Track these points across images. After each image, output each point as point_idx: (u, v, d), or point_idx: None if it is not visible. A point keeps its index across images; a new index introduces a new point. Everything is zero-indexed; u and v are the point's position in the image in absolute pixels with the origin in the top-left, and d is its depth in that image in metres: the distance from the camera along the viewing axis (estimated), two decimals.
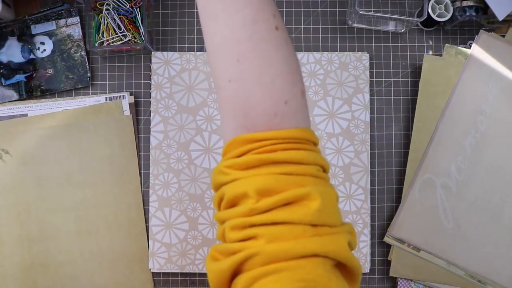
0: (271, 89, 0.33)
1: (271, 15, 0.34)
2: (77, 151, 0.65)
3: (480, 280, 0.63)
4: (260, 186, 0.31)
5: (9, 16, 0.65)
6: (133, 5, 0.65)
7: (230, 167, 0.33)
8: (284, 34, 0.35)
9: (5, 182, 0.64)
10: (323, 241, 0.30)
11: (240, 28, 0.33)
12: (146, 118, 0.67)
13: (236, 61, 0.33)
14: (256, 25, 0.33)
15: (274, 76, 0.33)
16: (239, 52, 0.33)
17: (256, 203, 0.30)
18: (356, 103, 0.66)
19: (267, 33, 0.34)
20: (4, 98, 0.66)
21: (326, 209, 0.31)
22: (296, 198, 0.31)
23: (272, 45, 0.34)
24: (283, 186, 0.31)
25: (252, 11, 0.33)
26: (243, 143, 0.33)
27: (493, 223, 0.63)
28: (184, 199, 0.65)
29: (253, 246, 0.30)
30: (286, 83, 0.33)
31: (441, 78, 0.66)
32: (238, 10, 0.33)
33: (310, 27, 0.69)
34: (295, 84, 0.34)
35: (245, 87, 0.33)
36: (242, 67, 0.33)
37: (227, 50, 0.34)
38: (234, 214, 0.32)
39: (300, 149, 0.33)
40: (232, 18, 0.34)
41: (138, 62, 0.68)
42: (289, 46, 0.35)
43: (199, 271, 0.65)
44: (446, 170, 0.64)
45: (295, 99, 0.34)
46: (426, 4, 0.63)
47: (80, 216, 0.65)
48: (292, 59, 0.35)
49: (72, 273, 0.64)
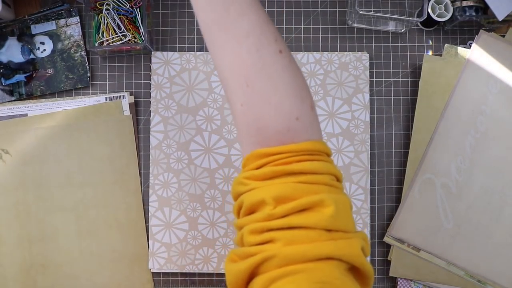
0: (281, 108, 0.35)
1: (273, 40, 0.36)
2: (77, 151, 0.65)
3: (480, 280, 0.63)
4: (277, 193, 0.33)
5: (9, 16, 0.65)
6: (133, 5, 0.65)
7: (248, 178, 0.35)
8: (288, 56, 0.37)
9: (5, 182, 0.64)
10: (337, 244, 0.31)
11: (245, 57, 0.35)
12: (146, 118, 0.67)
13: (245, 86, 0.36)
14: (260, 52, 0.35)
15: (282, 96, 0.35)
16: (246, 78, 0.35)
17: (273, 209, 0.32)
18: (356, 103, 0.66)
19: (271, 58, 0.35)
20: (4, 98, 0.66)
21: (339, 215, 0.32)
22: (311, 204, 0.32)
23: (277, 68, 0.35)
24: (299, 193, 0.33)
25: (255, 40, 0.35)
26: (260, 157, 0.35)
27: (493, 223, 0.63)
28: (184, 199, 0.65)
29: (271, 249, 0.31)
30: (295, 101, 0.35)
31: (441, 78, 0.66)
32: (241, 41, 0.36)
33: (310, 27, 0.69)
34: (304, 100, 0.36)
35: (256, 109, 0.35)
36: (251, 91, 0.35)
37: (235, 76, 0.36)
38: (252, 220, 0.33)
39: (314, 160, 0.34)
40: (237, 48, 0.36)
41: (138, 62, 0.68)
42: (294, 66, 0.37)
43: (199, 271, 0.65)
44: (446, 170, 0.64)
45: (306, 114, 0.36)
46: (426, 4, 0.63)
47: (80, 216, 0.65)
48: (298, 77, 0.37)
49: (72, 273, 0.64)
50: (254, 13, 0.36)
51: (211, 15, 0.37)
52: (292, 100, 0.35)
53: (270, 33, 0.36)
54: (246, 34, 0.36)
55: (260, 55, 0.35)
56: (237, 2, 0.36)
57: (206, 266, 0.64)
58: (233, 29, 0.36)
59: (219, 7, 0.36)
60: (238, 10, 0.36)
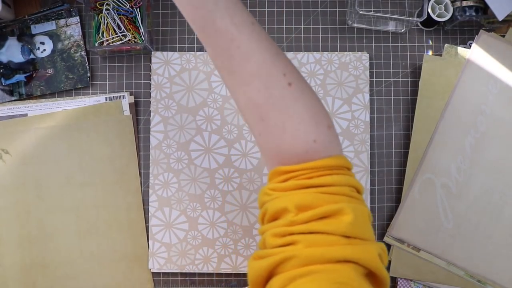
0: (298, 135, 0.37)
1: (282, 75, 0.37)
2: (77, 151, 0.65)
3: (480, 280, 0.63)
4: (299, 202, 0.34)
5: (9, 16, 0.65)
6: (133, 5, 0.65)
7: (273, 190, 0.37)
8: (299, 85, 0.38)
9: (5, 182, 0.64)
10: (355, 249, 0.33)
11: (255, 96, 0.37)
12: (146, 118, 0.67)
13: (261, 120, 0.38)
14: (269, 90, 0.37)
15: (297, 124, 0.37)
16: (261, 114, 0.38)
17: (295, 216, 0.34)
18: (356, 103, 0.66)
19: (281, 93, 0.37)
20: (4, 98, 0.66)
21: (358, 223, 0.34)
22: (331, 212, 0.34)
23: (289, 100, 0.37)
24: (319, 202, 0.34)
25: (262, 80, 0.37)
26: (282, 173, 0.37)
27: (493, 223, 0.63)
28: (184, 199, 0.65)
29: (292, 250, 0.33)
30: (310, 126, 0.37)
31: (441, 78, 0.66)
32: (249, 82, 0.37)
33: (310, 27, 0.69)
34: (319, 123, 0.37)
35: (274, 138, 0.38)
36: (266, 124, 0.38)
37: (249, 113, 0.39)
38: (275, 225, 0.35)
39: (334, 174, 0.36)
40: (246, 89, 0.38)
41: (138, 62, 0.68)
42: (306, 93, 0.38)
43: (199, 271, 0.65)
44: (446, 170, 0.64)
45: (323, 135, 0.37)
46: (426, 4, 0.63)
47: (80, 216, 0.65)
48: (312, 102, 0.38)
49: (72, 273, 0.64)
50: (259, 54, 0.37)
51: (218, 61, 0.39)
52: (307, 126, 0.37)
53: (278, 69, 0.37)
54: (252, 76, 0.37)
55: (270, 92, 0.37)
56: (242, 46, 0.37)
57: (206, 266, 0.64)
58: (240, 72, 0.38)
59: (224, 54, 0.38)
60: (243, 54, 0.37)
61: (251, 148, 0.66)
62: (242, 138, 0.66)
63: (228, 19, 0.37)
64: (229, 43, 0.37)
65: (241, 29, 0.37)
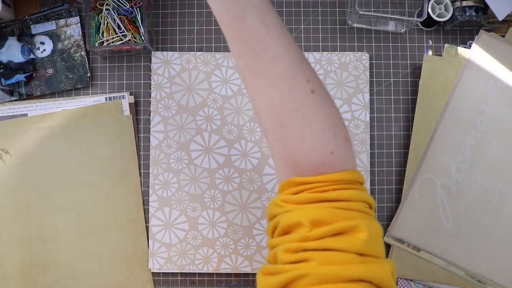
0: (316, 145, 0.36)
1: (306, 81, 0.37)
2: (77, 151, 0.65)
3: (480, 280, 0.63)
4: (313, 217, 0.34)
5: (9, 16, 0.65)
6: (133, 5, 0.65)
7: (285, 201, 0.36)
8: (321, 93, 0.37)
9: (5, 182, 0.64)
10: (369, 268, 0.33)
11: (278, 100, 0.37)
12: (146, 118, 0.67)
13: (280, 126, 0.37)
14: (292, 95, 0.36)
15: (316, 133, 0.36)
16: (281, 119, 0.37)
17: (309, 232, 0.33)
18: (356, 103, 0.66)
19: (304, 99, 0.36)
20: (4, 98, 0.66)
21: (372, 241, 0.34)
22: (346, 229, 0.34)
23: (310, 108, 0.36)
24: (334, 218, 0.34)
25: (286, 84, 0.36)
26: (296, 185, 0.36)
27: (493, 223, 0.63)
28: (184, 199, 0.65)
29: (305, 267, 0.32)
30: (329, 137, 0.36)
31: (441, 78, 0.66)
32: (273, 85, 0.37)
33: (310, 27, 0.69)
34: (338, 135, 0.37)
35: (291, 146, 0.37)
36: (285, 130, 0.37)
37: (269, 117, 0.38)
38: (287, 240, 0.35)
39: (348, 188, 0.36)
40: (269, 92, 0.37)
41: (138, 62, 0.68)
42: (327, 102, 0.38)
43: (199, 271, 0.65)
44: (446, 170, 0.64)
45: (340, 147, 0.37)
46: (426, 4, 0.63)
47: (80, 216, 0.65)
48: (332, 112, 0.38)
49: (72, 273, 0.64)
50: (286, 57, 0.37)
51: (242, 61, 0.38)
52: (326, 136, 0.36)
53: (302, 75, 0.37)
54: (277, 79, 0.37)
55: (293, 97, 0.36)
56: (269, 47, 0.36)
57: (206, 266, 0.64)
58: (265, 74, 0.37)
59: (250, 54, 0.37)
60: (270, 55, 0.36)
61: (251, 148, 0.66)
62: (242, 138, 0.66)
63: (258, 18, 0.36)
64: (256, 42, 0.37)
65: (270, 30, 0.37)
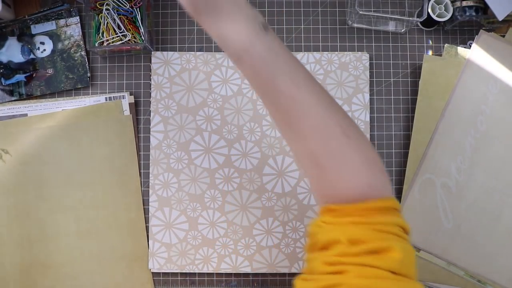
0: (353, 182, 0.38)
1: (339, 129, 0.38)
2: (77, 151, 0.65)
3: (480, 280, 0.63)
4: (351, 235, 0.36)
5: (9, 16, 0.65)
6: (133, 5, 0.65)
7: (325, 222, 0.38)
8: (355, 135, 0.39)
9: (5, 182, 0.64)
10: (402, 285, 0.34)
11: (313, 148, 0.39)
12: (146, 118, 0.67)
13: (316, 167, 0.39)
14: (327, 144, 0.38)
15: (354, 173, 0.38)
16: (317, 162, 0.39)
17: (347, 248, 0.35)
18: (356, 103, 0.66)
19: (339, 145, 0.38)
20: (4, 98, 0.66)
21: (406, 262, 0.35)
22: (382, 249, 0.35)
23: (346, 150, 0.38)
24: (371, 238, 0.36)
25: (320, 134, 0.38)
26: (336, 211, 0.38)
27: (493, 223, 0.63)
28: (184, 199, 0.65)
29: (341, 278, 0.34)
30: (366, 174, 0.38)
31: (441, 78, 0.66)
32: (308, 137, 0.39)
33: (310, 27, 0.69)
34: (374, 170, 0.39)
35: (327, 183, 0.39)
36: (322, 171, 0.39)
37: (306, 160, 0.40)
38: (326, 254, 0.36)
39: (385, 214, 0.38)
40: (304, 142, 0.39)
41: (138, 62, 0.68)
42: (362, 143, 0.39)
43: (199, 271, 0.65)
44: (446, 170, 0.64)
45: (377, 180, 0.38)
46: (426, 4, 0.63)
47: (80, 216, 0.65)
48: (367, 151, 0.39)
49: (72, 273, 0.64)
50: (318, 107, 0.38)
51: (278, 117, 0.40)
52: (363, 174, 0.38)
53: (335, 121, 0.38)
54: (312, 130, 0.38)
55: (328, 146, 0.38)
56: (303, 103, 0.38)
57: (206, 266, 0.64)
58: (299, 128, 0.39)
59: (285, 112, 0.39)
60: (303, 111, 0.38)
61: (251, 148, 0.66)
62: (242, 138, 0.66)
63: (288, 79, 0.38)
64: (290, 101, 0.38)
65: (301, 87, 0.38)
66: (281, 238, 0.65)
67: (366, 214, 0.37)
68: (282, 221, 0.65)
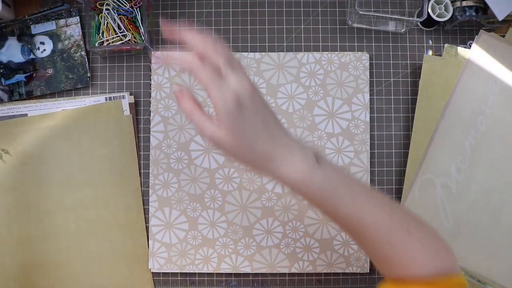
0: (420, 270, 0.40)
1: (400, 225, 0.41)
2: (77, 151, 0.65)
3: (480, 280, 0.63)
4: None
5: (9, 16, 0.65)
6: (133, 5, 0.65)
7: None
8: (417, 229, 0.41)
9: (5, 182, 0.64)
10: None
11: (379, 251, 0.42)
12: (146, 118, 0.67)
13: (384, 260, 0.42)
14: (392, 243, 0.40)
15: (420, 263, 0.40)
16: (385, 258, 0.42)
17: None
18: (356, 103, 0.66)
19: (403, 242, 0.40)
20: (4, 98, 0.66)
21: None
22: None
23: (411, 246, 0.40)
24: None
25: (385, 239, 0.41)
26: (402, 282, 0.41)
27: (493, 223, 0.63)
28: (184, 199, 0.65)
29: None
30: (432, 260, 0.40)
31: (441, 78, 0.66)
32: (377, 245, 0.41)
33: (310, 27, 0.69)
34: (440, 253, 0.41)
35: (396, 272, 0.41)
36: (389, 264, 0.42)
37: (373, 256, 0.43)
38: None
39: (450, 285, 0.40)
40: (374, 247, 0.42)
41: (138, 62, 0.68)
42: (425, 234, 0.42)
43: (199, 271, 0.65)
44: (446, 170, 0.64)
45: (444, 262, 0.41)
46: (426, 4, 0.63)
47: (80, 216, 0.65)
48: (433, 240, 0.42)
49: (72, 273, 0.64)
50: (381, 217, 0.41)
51: (347, 232, 0.44)
52: (430, 262, 0.40)
53: (397, 222, 0.41)
54: (378, 239, 0.41)
55: (392, 244, 0.40)
56: (368, 218, 0.40)
57: (206, 266, 0.64)
58: (365, 240, 0.42)
59: (353, 230, 0.42)
60: (369, 225, 0.40)
61: None
62: None
63: (351, 202, 0.40)
64: (355, 221, 0.41)
65: (362, 205, 0.40)
66: (281, 238, 0.65)
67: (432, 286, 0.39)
68: (282, 221, 0.65)
